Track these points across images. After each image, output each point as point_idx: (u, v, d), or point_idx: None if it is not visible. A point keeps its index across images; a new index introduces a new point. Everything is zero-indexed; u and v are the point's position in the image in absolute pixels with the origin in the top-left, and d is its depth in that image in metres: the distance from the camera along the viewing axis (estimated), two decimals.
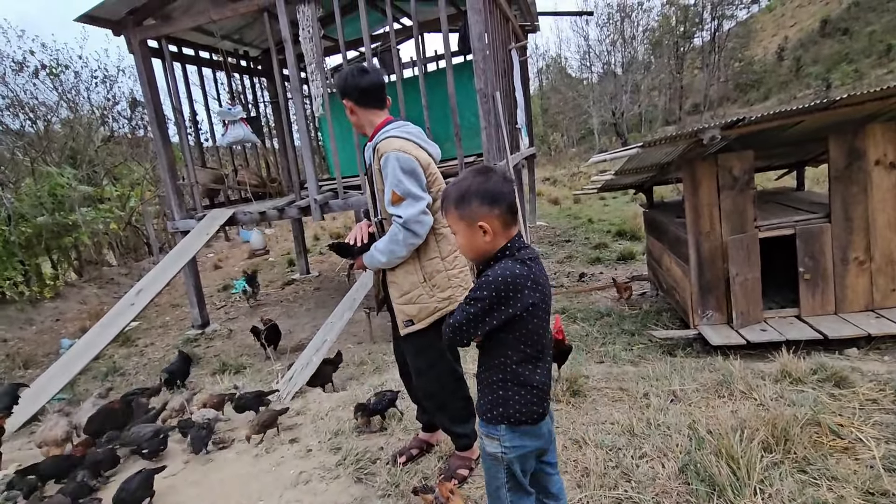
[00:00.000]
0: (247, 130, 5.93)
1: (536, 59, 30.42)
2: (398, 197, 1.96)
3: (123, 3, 5.44)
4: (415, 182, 1.97)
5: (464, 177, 1.38)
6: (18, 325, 7.09)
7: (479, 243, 1.33)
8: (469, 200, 1.32)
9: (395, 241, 2.00)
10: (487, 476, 1.47)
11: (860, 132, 3.35)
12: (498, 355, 1.37)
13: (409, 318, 2.10)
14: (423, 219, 1.98)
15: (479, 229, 1.32)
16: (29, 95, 10.34)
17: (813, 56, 25.53)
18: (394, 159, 1.95)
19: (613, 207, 10.72)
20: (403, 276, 2.09)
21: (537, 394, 1.37)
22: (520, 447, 1.38)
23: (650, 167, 4.38)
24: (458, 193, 1.34)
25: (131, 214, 10.70)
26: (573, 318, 4.60)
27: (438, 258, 2.08)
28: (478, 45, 4.82)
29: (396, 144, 1.99)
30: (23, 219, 7.69)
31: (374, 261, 2.09)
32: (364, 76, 2.09)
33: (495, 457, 1.40)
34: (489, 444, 1.42)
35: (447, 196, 1.39)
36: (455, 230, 1.38)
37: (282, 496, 2.24)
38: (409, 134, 2.07)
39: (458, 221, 1.35)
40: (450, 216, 1.38)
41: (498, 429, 1.38)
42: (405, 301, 2.09)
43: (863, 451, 2.01)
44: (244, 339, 5.59)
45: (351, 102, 2.11)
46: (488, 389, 1.40)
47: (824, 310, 3.52)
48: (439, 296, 2.06)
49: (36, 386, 3.93)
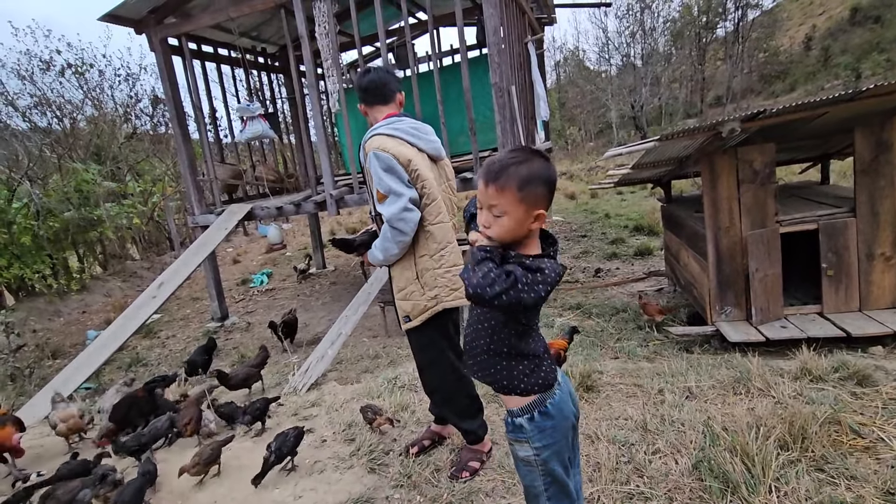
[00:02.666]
0: (265, 126, 6.01)
1: (554, 53, 30.06)
2: (382, 195, 1.99)
3: (145, 1, 5.55)
4: (395, 178, 1.97)
5: (523, 157, 1.22)
6: (47, 317, 7.35)
7: (525, 229, 1.23)
8: (536, 185, 1.20)
9: (387, 239, 2.02)
10: (525, 484, 1.40)
11: (888, 123, 3.24)
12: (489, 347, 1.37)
13: (405, 315, 2.12)
14: (405, 216, 1.96)
15: (537, 216, 1.22)
16: (56, 94, 10.67)
17: (842, 45, 24.67)
18: (373, 157, 1.98)
19: (631, 202, 10.58)
20: (400, 272, 2.11)
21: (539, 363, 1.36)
22: (550, 444, 1.32)
23: (668, 161, 4.31)
24: (523, 177, 1.20)
25: (153, 210, 10.95)
26: (588, 314, 4.57)
27: (427, 256, 2.07)
28: (493, 38, 4.80)
29: (376, 143, 2.01)
30: (51, 214, 7.94)
31: (374, 257, 2.12)
32: (365, 75, 2.15)
33: (528, 461, 1.33)
34: (520, 448, 1.34)
35: (506, 174, 1.21)
36: (506, 211, 1.21)
37: (297, 485, 2.28)
38: (398, 130, 2.05)
39: (517, 204, 1.20)
40: (507, 196, 1.20)
41: (524, 432, 1.32)
42: (402, 297, 2.12)
43: (884, 451, 1.96)
44: (262, 331, 5.69)
45: (362, 105, 2.18)
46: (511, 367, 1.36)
47: (848, 307, 3.43)
48: (428, 294, 2.07)
49: (64, 375, 4.08)
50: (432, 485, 2.13)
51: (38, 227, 7.56)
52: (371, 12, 5.31)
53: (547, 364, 1.35)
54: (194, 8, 5.97)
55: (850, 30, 25.48)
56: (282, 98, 8.33)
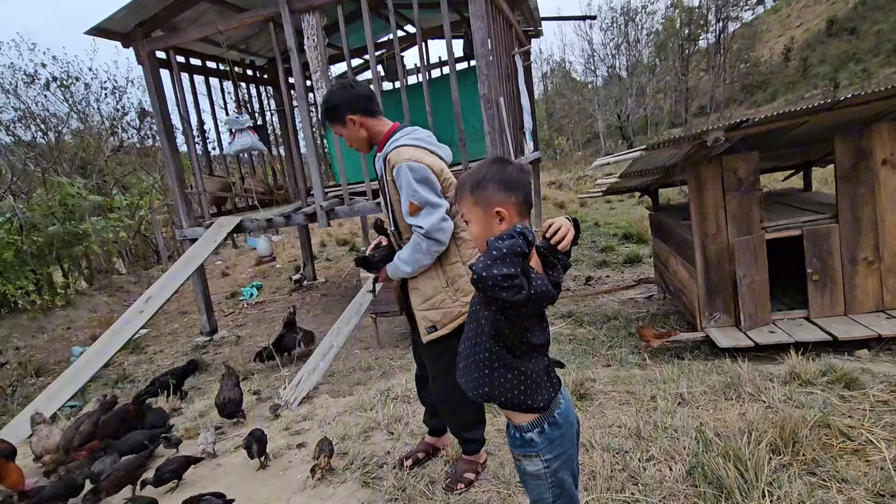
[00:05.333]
0: (254, 138, 6.00)
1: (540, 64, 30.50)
2: (416, 207, 1.94)
3: (132, 15, 5.54)
4: (430, 190, 1.95)
5: (480, 166, 1.33)
6: (30, 334, 7.19)
7: (493, 231, 1.26)
8: (485, 186, 1.28)
9: (419, 251, 1.98)
10: (533, 498, 1.39)
11: (866, 132, 3.33)
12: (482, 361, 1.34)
13: (432, 324, 2.07)
14: (443, 226, 1.96)
15: (496, 216, 1.27)
16: (40, 107, 10.58)
17: (820, 56, 25.36)
18: (406, 169, 1.92)
19: (619, 210, 10.69)
20: (425, 282, 2.07)
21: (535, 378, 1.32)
22: (560, 455, 1.32)
23: (655, 170, 4.38)
24: (475, 180, 1.30)
25: (140, 223, 10.83)
26: (580, 322, 4.59)
27: (460, 262, 2.06)
28: (481, 50, 4.86)
29: (407, 154, 1.96)
30: (34, 228, 7.82)
31: (399, 271, 2.07)
32: (358, 86, 2.06)
33: (538, 475, 1.32)
34: (529, 464, 1.33)
35: (462, 183, 1.33)
36: (469, 218, 1.33)
37: (289, 500, 2.25)
38: (419, 140, 2.03)
39: (473, 207, 1.30)
40: (464, 202, 1.32)
41: (534, 446, 1.31)
42: (428, 307, 2.07)
43: (873, 453, 1.98)
44: (252, 345, 5.63)
45: (359, 116, 2.04)
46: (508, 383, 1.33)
47: (833, 311, 3.49)
48: (462, 300, 2.04)
49: (48, 393, 3.98)
50: (427, 497, 2.12)
51: (21, 241, 7.44)
52: (360, 25, 5.35)
53: (551, 378, 1.35)
54: (182, 21, 5.97)
55: (827, 41, 26.23)
56: (270, 110, 8.33)
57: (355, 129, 2.07)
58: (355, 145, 2.14)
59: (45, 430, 2.87)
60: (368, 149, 2.17)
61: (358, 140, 2.11)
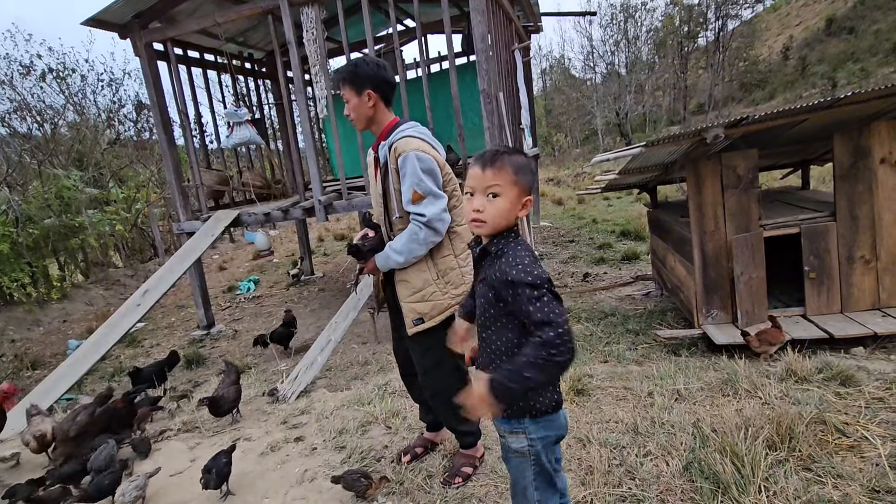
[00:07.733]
0: (252, 132, 5.97)
1: (540, 60, 30.45)
2: (419, 195, 1.95)
3: (129, 6, 5.49)
4: (434, 181, 1.98)
5: (512, 150, 1.35)
6: (26, 327, 7.17)
7: (514, 215, 1.33)
8: (525, 172, 1.33)
9: (416, 240, 1.98)
10: (514, 475, 1.43)
11: (865, 130, 3.34)
12: (514, 346, 1.34)
13: (419, 316, 2.07)
14: (444, 216, 1.99)
15: (525, 203, 1.33)
16: (36, 99, 10.49)
17: (818, 55, 25.40)
18: (413, 158, 1.94)
19: (617, 207, 10.70)
20: (415, 274, 2.07)
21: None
22: (545, 437, 1.37)
23: (654, 167, 4.38)
24: (518, 162, 1.32)
25: (137, 216, 10.78)
26: (577, 319, 4.60)
27: (452, 255, 2.08)
28: (481, 45, 4.84)
29: (415, 144, 1.98)
30: (30, 221, 7.78)
31: (391, 261, 2.05)
32: (389, 71, 2.05)
33: (521, 452, 1.38)
34: (514, 440, 1.38)
35: (498, 157, 1.32)
36: (501, 191, 1.30)
37: (287, 494, 2.25)
38: (423, 135, 2.06)
39: (512, 185, 1.31)
40: (503, 176, 1.30)
41: (522, 422, 1.36)
42: (417, 299, 2.07)
43: (868, 450, 2.00)
44: (249, 339, 5.62)
45: (377, 94, 2.03)
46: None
47: (830, 309, 3.51)
48: (452, 293, 2.06)
49: (44, 386, 3.97)
50: (425, 491, 2.12)
51: (16, 234, 7.39)
52: (359, 19, 5.32)
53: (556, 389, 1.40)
54: (180, 13, 5.92)
55: (825, 40, 26.26)
56: (269, 104, 8.29)
57: (367, 103, 2.04)
58: (356, 119, 2.09)
59: (38, 418, 2.86)
60: (364, 127, 2.13)
61: (362, 116, 2.07)
